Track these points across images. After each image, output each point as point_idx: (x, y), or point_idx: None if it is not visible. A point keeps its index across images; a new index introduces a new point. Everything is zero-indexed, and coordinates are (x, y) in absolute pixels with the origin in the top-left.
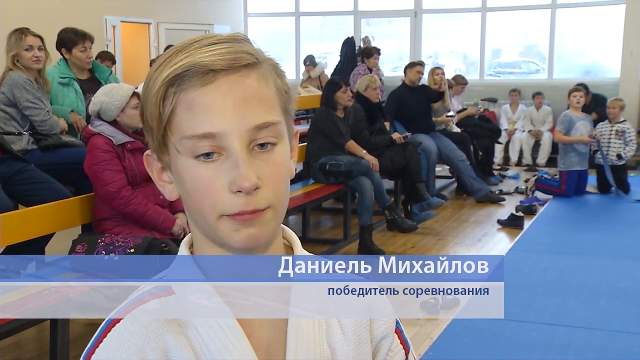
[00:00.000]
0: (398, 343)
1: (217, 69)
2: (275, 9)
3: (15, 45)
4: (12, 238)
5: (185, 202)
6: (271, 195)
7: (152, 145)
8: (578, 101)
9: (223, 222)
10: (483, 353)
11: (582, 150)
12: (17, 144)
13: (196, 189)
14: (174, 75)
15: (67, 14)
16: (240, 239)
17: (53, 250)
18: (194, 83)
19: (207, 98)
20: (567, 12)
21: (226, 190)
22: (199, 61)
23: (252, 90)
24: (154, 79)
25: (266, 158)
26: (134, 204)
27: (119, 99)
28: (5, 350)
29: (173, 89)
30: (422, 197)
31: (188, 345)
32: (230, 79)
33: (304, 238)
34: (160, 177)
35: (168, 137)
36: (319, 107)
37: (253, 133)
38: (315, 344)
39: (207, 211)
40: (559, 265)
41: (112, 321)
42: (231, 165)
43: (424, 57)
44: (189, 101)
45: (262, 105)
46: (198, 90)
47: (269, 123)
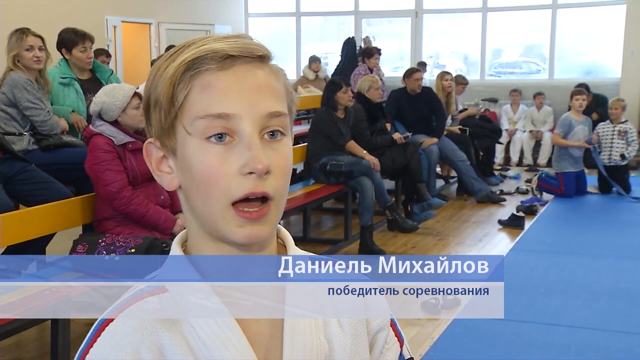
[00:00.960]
0: (393, 336)
1: (235, 54)
2: (275, 9)
3: (16, 46)
4: (12, 238)
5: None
6: (278, 184)
7: (157, 130)
8: (581, 104)
9: (229, 214)
10: (484, 353)
11: (575, 155)
12: (18, 144)
13: (205, 172)
14: (192, 59)
15: (67, 14)
16: (243, 234)
17: (54, 250)
18: (212, 66)
19: (224, 82)
20: (568, 12)
21: (236, 173)
22: (218, 48)
23: (266, 80)
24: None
25: (276, 147)
26: (134, 204)
27: (120, 99)
28: (5, 350)
29: (190, 72)
30: (422, 197)
31: (184, 342)
32: (247, 67)
33: (305, 238)
34: (159, 166)
35: (177, 121)
36: (319, 107)
37: (265, 120)
38: (312, 338)
39: (215, 198)
40: (559, 266)
41: (105, 321)
42: (243, 148)
43: (424, 57)
44: (204, 84)
45: (274, 95)
46: (215, 74)
47: (280, 113)
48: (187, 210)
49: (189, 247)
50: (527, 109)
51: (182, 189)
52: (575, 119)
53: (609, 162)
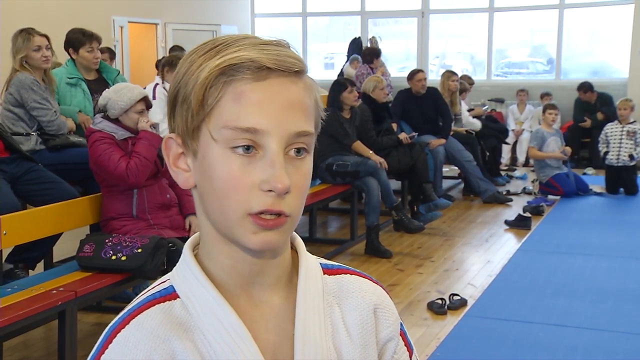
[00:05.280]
0: (402, 345)
1: (272, 67)
2: (282, 10)
3: (24, 47)
4: (20, 238)
5: (204, 193)
6: (295, 204)
7: (182, 129)
8: (553, 119)
9: (245, 222)
10: (490, 354)
11: (554, 165)
12: (25, 145)
13: (225, 181)
14: (228, 65)
15: (74, 14)
16: (257, 241)
17: (61, 250)
18: (247, 76)
19: (257, 94)
20: (575, 12)
21: (256, 187)
22: (255, 57)
23: (298, 97)
24: (198, 65)
25: (299, 166)
26: (138, 165)
27: (125, 100)
28: (13, 349)
29: (224, 78)
30: (429, 198)
31: (195, 349)
32: (281, 81)
33: (311, 238)
34: (176, 163)
35: (205, 123)
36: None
37: (292, 138)
38: (322, 346)
39: (232, 207)
40: (566, 266)
41: (116, 327)
42: (267, 165)
43: (431, 57)
44: (238, 93)
45: (304, 113)
46: (250, 84)
47: (308, 132)
48: (200, 212)
49: (201, 250)
50: (533, 109)
51: (197, 188)
52: (547, 131)
53: (617, 163)
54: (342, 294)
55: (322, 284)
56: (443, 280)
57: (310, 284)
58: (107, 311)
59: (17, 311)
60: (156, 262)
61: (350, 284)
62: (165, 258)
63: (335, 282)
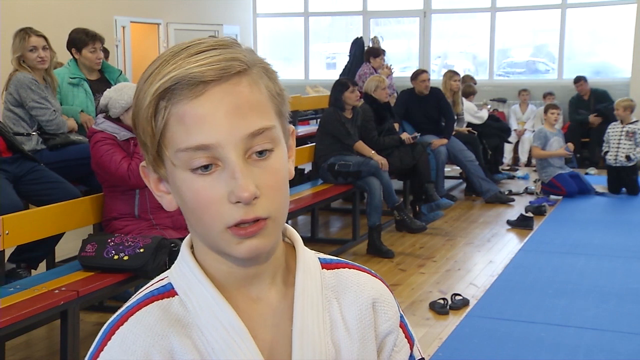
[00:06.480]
0: (403, 337)
1: (207, 80)
2: (284, 9)
3: (20, 47)
4: (22, 238)
5: (185, 213)
6: (270, 204)
7: (147, 158)
8: (555, 119)
9: (225, 235)
10: (492, 354)
11: (557, 165)
12: (26, 144)
13: (195, 202)
14: (164, 89)
15: (77, 14)
16: (243, 250)
17: (63, 249)
18: (184, 95)
19: (198, 110)
20: (577, 12)
21: (225, 201)
22: (188, 73)
23: (244, 98)
24: (143, 92)
25: (264, 166)
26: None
27: (125, 99)
28: (16, 349)
29: (164, 103)
30: (431, 198)
31: (193, 347)
32: (222, 89)
33: (313, 238)
34: (158, 187)
35: (163, 151)
36: (327, 107)
37: (248, 141)
38: (320, 342)
39: (209, 224)
40: (568, 266)
41: (115, 324)
42: (228, 176)
43: (432, 57)
44: (180, 114)
45: (255, 111)
46: (189, 103)
47: (263, 129)
48: (189, 225)
49: (196, 252)
50: (535, 109)
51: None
52: (550, 131)
53: (614, 163)
54: (341, 288)
55: (320, 279)
56: (445, 280)
57: (308, 279)
58: (109, 311)
59: (19, 311)
60: (158, 262)
61: (349, 278)
62: (167, 258)
63: (334, 276)
